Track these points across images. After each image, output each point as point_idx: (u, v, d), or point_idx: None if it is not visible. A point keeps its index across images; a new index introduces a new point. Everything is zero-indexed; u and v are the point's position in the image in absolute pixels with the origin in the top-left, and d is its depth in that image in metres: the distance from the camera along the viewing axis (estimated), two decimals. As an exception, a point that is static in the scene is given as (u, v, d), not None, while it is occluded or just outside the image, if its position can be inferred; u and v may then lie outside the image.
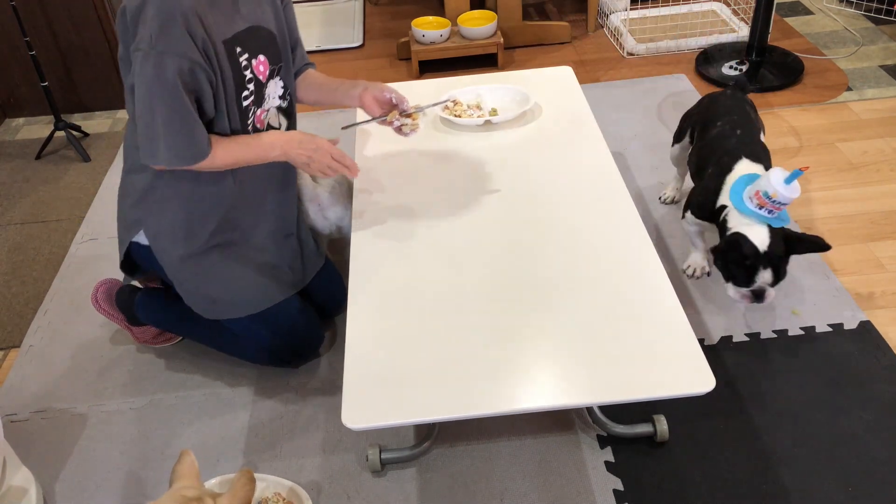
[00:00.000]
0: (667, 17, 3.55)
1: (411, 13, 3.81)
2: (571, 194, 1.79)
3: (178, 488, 1.27)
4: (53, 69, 3.15)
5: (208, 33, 1.52)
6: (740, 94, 2.17)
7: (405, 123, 1.82)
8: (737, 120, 2.05)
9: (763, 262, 1.78)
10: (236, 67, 1.61)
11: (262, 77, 1.69)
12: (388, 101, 1.82)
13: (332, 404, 1.87)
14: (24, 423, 1.90)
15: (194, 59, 1.50)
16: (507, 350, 1.42)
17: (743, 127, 2.02)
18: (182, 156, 1.58)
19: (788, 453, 1.67)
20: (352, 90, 1.85)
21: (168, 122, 1.53)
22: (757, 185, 1.78)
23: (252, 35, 1.64)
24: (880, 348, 1.89)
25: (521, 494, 1.63)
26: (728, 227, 1.84)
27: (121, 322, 2.01)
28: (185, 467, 1.31)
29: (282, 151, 1.69)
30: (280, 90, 1.78)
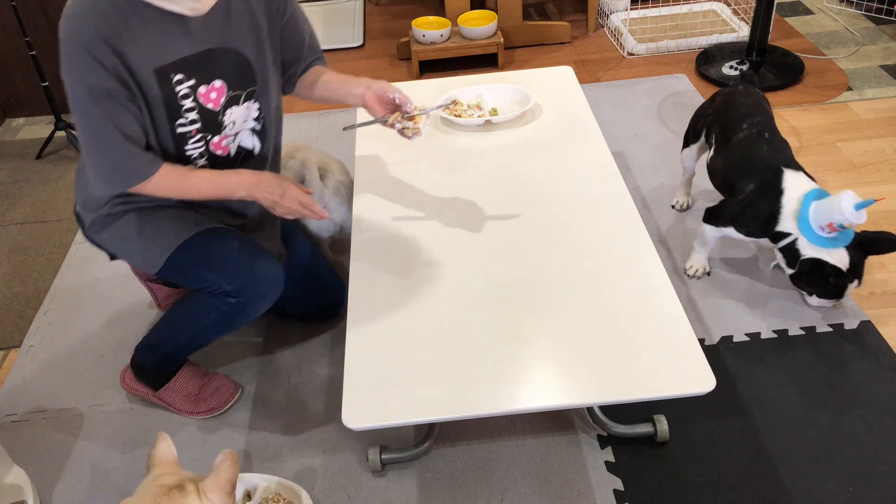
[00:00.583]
0: (667, 17, 3.55)
1: (411, 13, 3.81)
2: (571, 194, 1.79)
3: (155, 476, 1.24)
4: (53, 69, 3.14)
5: (126, 60, 1.46)
6: (753, 89, 2.15)
7: (407, 126, 1.74)
8: (762, 121, 2.01)
9: (849, 279, 1.84)
10: (169, 94, 1.54)
11: (214, 104, 1.61)
12: (392, 101, 1.75)
13: (333, 404, 1.87)
14: (24, 423, 1.90)
15: (105, 87, 1.45)
16: (507, 350, 1.42)
17: (770, 129, 2.00)
18: (109, 179, 1.55)
19: (789, 453, 1.67)
20: (354, 88, 1.79)
21: (92, 148, 1.51)
22: (828, 215, 1.78)
23: (206, 60, 1.57)
24: (880, 348, 1.89)
25: (521, 494, 1.63)
26: (801, 253, 1.86)
27: (150, 396, 1.91)
28: (161, 452, 1.28)
29: (248, 193, 1.64)
30: (255, 112, 1.71)
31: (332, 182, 2.07)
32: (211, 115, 1.63)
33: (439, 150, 1.99)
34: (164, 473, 1.25)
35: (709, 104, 2.20)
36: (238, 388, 1.92)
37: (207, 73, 1.58)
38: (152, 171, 1.56)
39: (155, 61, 1.50)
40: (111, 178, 1.55)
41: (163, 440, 1.29)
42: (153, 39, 1.49)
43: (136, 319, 2.18)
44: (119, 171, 1.54)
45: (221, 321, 1.75)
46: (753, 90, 2.15)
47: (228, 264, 1.67)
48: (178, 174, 1.60)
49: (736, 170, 1.98)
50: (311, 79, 1.84)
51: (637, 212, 1.72)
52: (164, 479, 1.22)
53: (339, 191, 2.09)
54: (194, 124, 1.61)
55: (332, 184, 2.07)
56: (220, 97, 1.62)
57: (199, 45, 1.56)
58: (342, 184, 2.09)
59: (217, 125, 1.65)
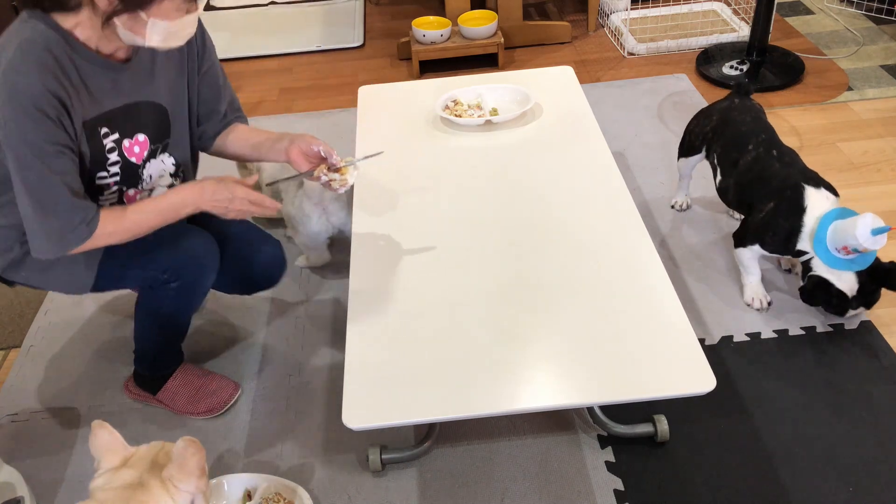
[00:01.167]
0: (667, 17, 3.55)
1: (412, 13, 3.81)
2: (571, 194, 1.79)
3: (108, 475, 1.13)
4: (54, 69, 3.14)
5: (69, 113, 1.42)
6: (749, 102, 2.12)
7: (334, 178, 1.70)
8: (766, 139, 1.99)
9: (853, 304, 1.86)
10: (97, 147, 1.51)
11: (137, 158, 1.60)
12: (317, 155, 1.71)
13: (333, 404, 1.87)
14: (24, 423, 1.90)
15: (55, 142, 1.41)
16: (507, 350, 1.42)
17: (776, 144, 1.99)
18: (60, 239, 1.46)
19: (788, 453, 1.67)
20: (277, 144, 1.74)
21: (39, 209, 1.43)
22: (843, 238, 1.76)
23: (129, 113, 1.55)
24: (880, 348, 1.89)
25: (521, 494, 1.63)
26: (813, 270, 1.86)
27: (151, 400, 1.91)
28: (103, 441, 1.17)
29: (195, 207, 1.58)
30: (171, 167, 1.69)
31: None
32: (132, 169, 1.60)
33: (439, 150, 1.99)
34: (116, 470, 1.15)
35: (706, 121, 2.16)
36: (238, 387, 1.92)
37: (132, 126, 1.57)
38: (96, 220, 1.49)
39: (85, 114, 1.47)
40: (63, 237, 1.46)
41: (101, 427, 1.18)
42: (86, 93, 1.47)
43: (136, 319, 2.18)
44: (71, 229, 1.46)
45: (177, 306, 1.73)
46: (749, 103, 2.13)
47: (154, 255, 1.65)
48: (115, 215, 1.52)
49: (751, 190, 1.96)
50: (232, 136, 1.81)
51: (637, 212, 1.72)
52: (121, 478, 1.13)
53: (340, 196, 2.08)
54: (114, 177, 1.58)
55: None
56: (142, 151, 1.61)
57: (126, 99, 1.54)
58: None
59: (136, 178, 1.62)
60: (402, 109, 2.18)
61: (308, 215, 2.08)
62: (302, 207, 2.07)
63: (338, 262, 2.31)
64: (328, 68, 3.46)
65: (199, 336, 2.10)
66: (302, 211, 2.08)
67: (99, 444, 1.17)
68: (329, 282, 2.25)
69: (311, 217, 2.08)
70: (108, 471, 1.16)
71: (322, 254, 2.25)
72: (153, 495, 1.13)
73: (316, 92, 3.28)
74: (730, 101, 2.15)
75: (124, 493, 1.12)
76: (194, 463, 1.16)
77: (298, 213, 2.09)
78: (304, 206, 2.06)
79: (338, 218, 2.11)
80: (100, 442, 1.17)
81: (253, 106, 3.20)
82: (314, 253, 2.24)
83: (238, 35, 3.83)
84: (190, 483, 1.16)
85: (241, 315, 2.16)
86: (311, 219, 2.09)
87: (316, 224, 2.10)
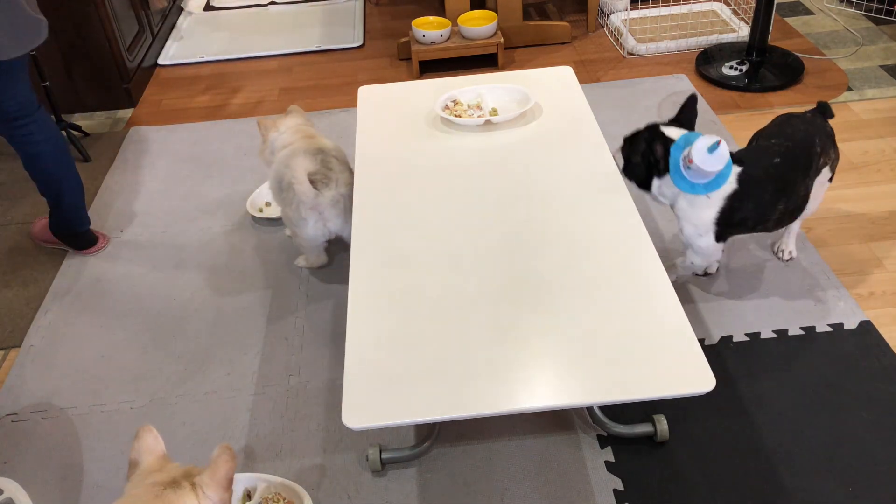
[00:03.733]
0: (667, 17, 3.55)
1: (411, 13, 3.81)
2: (571, 194, 1.79)
3: (145, 473, 1.17)
4: (54, 69, 3.15)
5: None
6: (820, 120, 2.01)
7: None
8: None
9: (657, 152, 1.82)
10: None
11: None
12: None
13: (333, 404, 1.87)
14: (24, 423, 1.90)
15: None
16: (507, 350, 1.42)
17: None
18: None
19: (789, 453, 1.67)
20: None
21: None
22: (686, 157, 1.76)
23: None
24: (880, 348, 1.89)
25: (521, 494, 1.63)
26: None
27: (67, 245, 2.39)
28: (148, 445, 1.20)
29: None
30: None
31: (331, 194, 2.05)
32: None
33: (439, 150, 1.99)
34: (153, 470, 1.18)
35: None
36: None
37: None
38: None
39: None
40: None
41: (148, 432, 1.21)
42: None
43: (136, 319, 2.18)
44: None
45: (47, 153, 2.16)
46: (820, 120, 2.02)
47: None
48: None
49: None
50: None
51: (637, 212, 1.72)
52: (155, 477, 1.16)
53: (339, 203, 2.07)
54: None
55: (332, 195, 2.05)
56: None
57: None
58: (343, 196, 2.07)
59: None
60: (401, 109, 2.18)
61: (304, 219, 2.08)
62: (298, 211, 2.07)
63: (338, 262, 2.31)
64: (328, 68, 3.46)
65: (198, 336, 2.10)
66: (298, 215, 2.07)
67: (142, 447, 1.21)
68: (329, 282, 2.25)
69: (307, 221, 2.08)
70: (144, 472, 1.19)
71: (319, 256, 2.25)
72: (181, 495, 1.15)
73: (316, 92, 3.28)
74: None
75: (154, 488, 1.15)
76: (224, 471, 1.18)
77: (295, 217, 2.09)
78: (300, 210, 2.06)
79: (334, 224, 2.11)
80: (144, 444, 1.21)
81: (253, 106, 3.20)
82: (312, 254, 2.24)
83: (238, 35, 3.83)
84: (217, 493, 1.18)
85: (240, 315, 2.16)
86: (307, 223, 2.09)
87: (312, 229, 2.10)
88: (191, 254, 2.40)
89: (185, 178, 2.77)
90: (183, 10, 4.11)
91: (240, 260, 2.36)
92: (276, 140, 2.21)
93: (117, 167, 2.87)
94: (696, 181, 1.78)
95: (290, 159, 2.07)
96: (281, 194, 2.14)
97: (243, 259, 2.37)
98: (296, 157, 2.05)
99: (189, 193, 2.69)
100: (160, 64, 3.61)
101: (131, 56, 3.30)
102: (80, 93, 3.23)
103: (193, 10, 4.11)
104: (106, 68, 3.18)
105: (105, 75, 3.19)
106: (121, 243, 2.47)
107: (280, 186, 2.13)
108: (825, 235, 2.26)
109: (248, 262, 2.35)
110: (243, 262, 2.35)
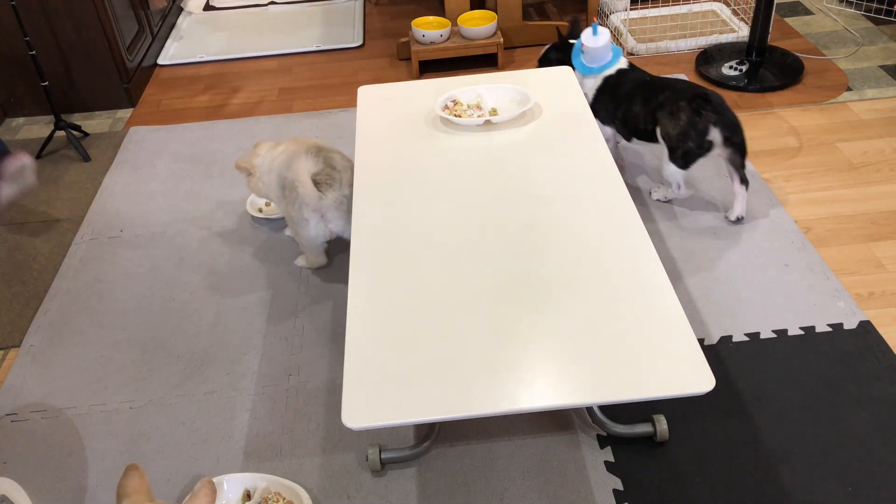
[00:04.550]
0: (667, 18, 3.55)
1: (411, 13, 3.81)
2: (571, 194, 1.79)
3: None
4: (53, 69, 3.15)
5: None
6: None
7: None
8: None
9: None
10: None
11: None
12: None
13: (333, 404, 1.87)
14: (24, 423, 1.90)
15: None
16: (507, 350, 1.42)
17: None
18: None
19: (789, 453, 1.67)
20: None
21: None
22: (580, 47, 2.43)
23: None
24: (880, 348, 1.89)
25: (521, 494, 1.63)
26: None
27: None
28: (133, 482, 1.26)
29: None
30: None
31: (334, 195, 2.05)
32: None
33: (439, 150, 1.99)
34: (138, 502, 1.23)
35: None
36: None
37: None
38: None
39: None
40: None
41: (134, 470, 1.27)
42: None
43: (135, 319, 2.18)
44: None
45: None
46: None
47: None
48: None
49: None
50: None
51: (636, 212, 1.72)
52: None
53: (342, 204, 2.08)
54: None
55: (335, 197, 2.05)
56: None
57: None
58: (346, 198, 2.08)
59: None
60: (401, 109, 2.18)
61: (306, 220, 2.08)
62: (301, 212, 2.07)
63: (337, 261, 2.31)
64: (328, 68, 3.46)
65: (198, 336, 2.10)
66: (301, 215, 2.08)
67: (129, 484, 1.25)
68: (329, 282, 2.25)
69: (309, 222, 2.08)
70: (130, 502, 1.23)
71: (319, 256, 2.25)
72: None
73: (316, 92, 3.28)
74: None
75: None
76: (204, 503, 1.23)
77: (297, 217, 2.09)
78: (302, 211, 2.06)
79: (336, 225, 2.11)
80: (131, 483, 1.25)
81: (252, 106, 3.20)
82: (312, 254, 2.24)
83: (238, 35, 3.83)
84: None
85: (240, 315, 2.16)
86: (309, 223, 2.09)
87: (314, 229, 2.10)
88: (191, 254, 2.40)
89: (185, 178, 2.77)
90: (183, 10, 4.11)
91: (239, 260, 2.36)
92: (263, 163, 2.22)
93: (117, 167, 2.87)
94: (591, 65, 2.42)
95: (291, 161, 2.08)
96: (283, 194, 2.14)
97: (243, 259, 2.37)
98: (297, 158, 2.05)
99: (189, 193, 2.69)
100: (160, 64, 3.61)
101: (131, 56, 3.30)
102: (80, 93, 3.23)
103: (193, 10, 4.11)
104: (106, 68, 3.18)
105: (105, 75, 3.19)
106: (121, 243, 2.47)
107: (282, 188, 2.13)
108: (825, 235, 2.26)
109: (247, 262, 2.35)
110: (243, 262, 2.35)
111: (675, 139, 2.23)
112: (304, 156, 2.05)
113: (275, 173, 2.18)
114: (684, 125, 2.19)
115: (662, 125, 2.25)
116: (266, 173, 2.21)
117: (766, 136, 2.72)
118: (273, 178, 2.19)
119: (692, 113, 2.17)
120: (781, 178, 2.51)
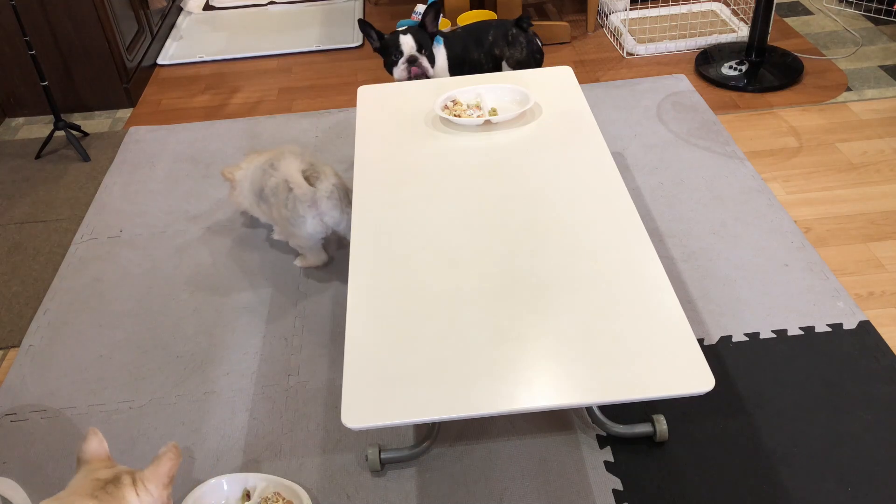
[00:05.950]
0: (666, 18, 3.55)
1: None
2: (571, 194, 1.79)
3: (89, 471, 1.24)
4: (53, 69, 3.15)
5: None
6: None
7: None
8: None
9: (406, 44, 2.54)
10: None
11: None
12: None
13: (332, 404, 1.87)
14: (24, 423, 1.90)
15: None
16: (507, 350, 1.42)
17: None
18: None
19: (788, 453, 1.67)
20: None
21: None
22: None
23: None
24: (880, 348, 1.89)
25: (521, 494, 1.64)
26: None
27: None
28: (93, 448, 1.28)
29: None
30: None
31: (325, 186, 2.06)
32: None
33: (439, 150, 1.99)
34: (97, 468, 1.24)
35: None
36: None
37: None
38: None
39: None
40: None
41: (94, 435, 1.29)
42: None
43: (135, 319, 2.18)
44: None
45: None
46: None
47: None
48: None
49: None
50: None
51: (636, 212, 1.72)
52: (99, 474, 1.22)
53: (333, 194, 2.08)
54: None
55: (326, 187, 2.06)
56: None
57: None
58: (336, 187, 2.09)
59: None
60: (401, 109, 2.18)
61: (302, 216, 2.08)
62: (295, 210, 2.07)
63: (337, 261, 2.31)
64: (327, 68, 3.46)
65: (198, 336, 2.10)
66: (296, 213, 2.08)
67: (89, 448, 1.28)
68: (328, 282, 2.25)
69: (305, 218, 2.08)
70: (89, 468, 1.25)
71: (319, 254, 2.25)
72: (121, 488, 1.22)
73: (315, 92, 3.28)
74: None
75: (97, 483, 1.22)
76: (165, 468, 1.25)
77: (292, 216, 2.09)
78: (297, 208, 2.07)
79: (331, 217, 2.11)
80: (90, 446, 1.28)
81: (252, 106, 3.20)
82: (311, 253, 2.24)
83: (237, 35, 3.83)
84: (157, 487, 1.24)
85: (239, 315, 2.16)
86: (305, 220, 2.09)
87: (310, 225, 2.10)
88: (190, 254, 2.40)
89: (185, 178, 2.77)
90: (182, 10, 4.11)
91: (239, 260, 2.36)
92: (244, 178, 2.27)
93: (117, 167, 2.87)
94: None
95: (275, 162, 2.11)
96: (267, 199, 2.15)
97: (243, 259, 2.37)
98: (282, 158, 2.08)
99: (188, 193, 2.69)
100: (159, 64, 3.61)
101: (131, 56, 3.30)
102: (80, 93, 3.23)
103: (193, 10, 4.11)
104: (105, 68, 3.18)
105: (104, 75, 3.19)
106: (121, 243, 2.47)
107: (261, 194, 2.15)
108: (825, 235, 2.26)
109: (247, 261, 2.35)
110: (243, 262, 2.35)
111: (524, 59, 2.62)
112: (289, 156, 2.07)
113: (248, 181, 2.22)
114: (525, 44, 2.61)
115: (508, 55, 2.63)
116: (247, 186, 2.27)
117: (765, 137, 2.72)
118: (248, 182, 2.23)
119: (524, 32, 2.62)
120: (781, 178, 2.51)
